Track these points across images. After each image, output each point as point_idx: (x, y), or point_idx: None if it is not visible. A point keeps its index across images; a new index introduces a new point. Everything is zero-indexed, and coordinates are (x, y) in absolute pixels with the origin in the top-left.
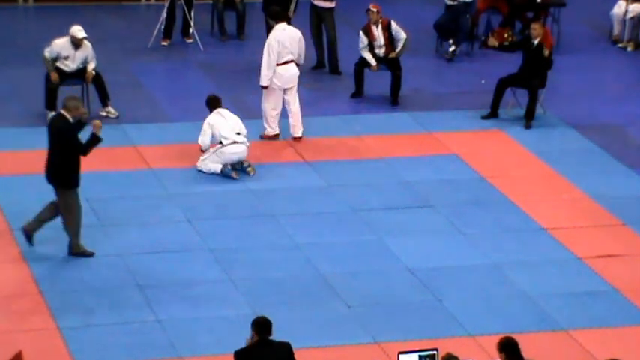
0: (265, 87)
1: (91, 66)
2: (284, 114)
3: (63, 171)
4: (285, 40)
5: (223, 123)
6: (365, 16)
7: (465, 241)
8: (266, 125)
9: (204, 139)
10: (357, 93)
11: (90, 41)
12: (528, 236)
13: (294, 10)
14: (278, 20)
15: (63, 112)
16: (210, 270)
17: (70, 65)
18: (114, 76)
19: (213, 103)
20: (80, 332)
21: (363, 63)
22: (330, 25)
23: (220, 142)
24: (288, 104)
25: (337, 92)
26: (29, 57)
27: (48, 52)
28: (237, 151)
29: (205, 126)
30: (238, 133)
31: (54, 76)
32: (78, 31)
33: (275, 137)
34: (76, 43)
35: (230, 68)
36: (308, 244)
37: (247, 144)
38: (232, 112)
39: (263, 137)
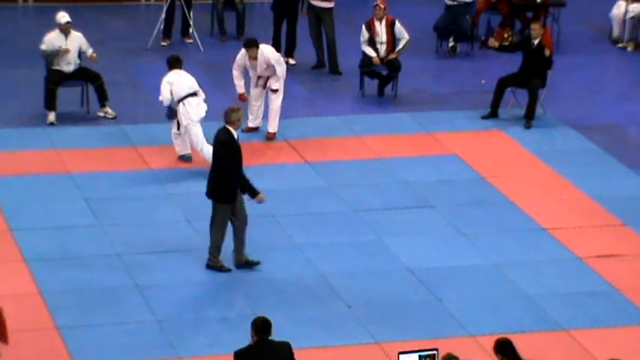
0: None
1: (89, 51)
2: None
3: (222, 185)
4: None
5: (181, 81)
6: (365, 14)
7: (465, 241)
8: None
9: (164, 94)
10: (381, 92)
11: (76, 29)
12: (528, 236)
13: (302, 10)
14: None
15: (228, 126)
16: (210, 270)
17: (66, 57)
18: (113, 76)
19: (174, 64)
20: (79, 332)
21: (366, 63)
22: (329, 25)
23: (179, 102)
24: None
25: (337, 92)
26: (29, 57)
27: (44, 45)
28: (195, 102)
29: (165, 83)
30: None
31: (63, 50)
32: (61, 17)
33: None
34: (64, 30)
35: (230, 68)
36: (308, 244)
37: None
38: None
39: (270, 137)
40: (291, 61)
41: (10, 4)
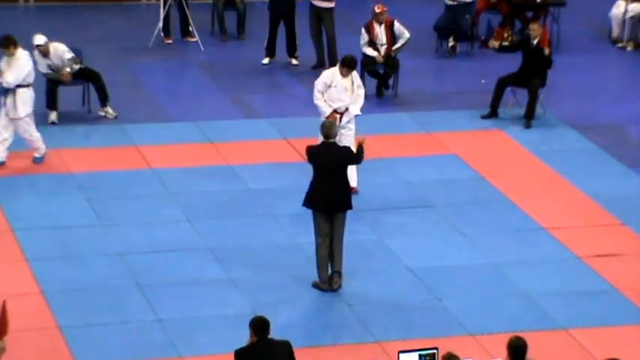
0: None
1: (67, 62)
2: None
3: (349, 193)
4: None
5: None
6: (365, 14)
7: (464, 240)
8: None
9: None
10: (380, 93)
11: (55, 40)
12: (528, 236)
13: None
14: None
15: (333, 139)
16: (210, 269)
17: (57, 72)
18: (114, 76)
19: (16, 43)
20: (80, 331)
21: (368, 62)
22: (330, 25)
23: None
24: None
25: None
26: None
27: (41, 67)
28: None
29: (29, 67)
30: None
31: (66, 77)
32: (35, 40)
33: None
34: (42, 52)
35: (230, 68)
36: (308, 244)
37: None
38: (232, 112)
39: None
40: (294, 62)
41: (11, 3)
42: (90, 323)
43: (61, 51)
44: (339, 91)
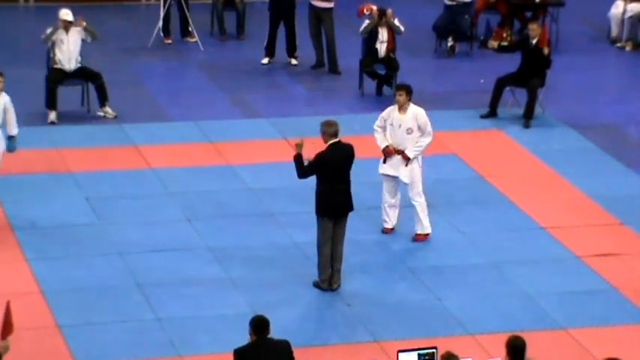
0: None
1: (83, 25)
2: None
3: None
4: None
5: None
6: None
7: (464, 240)
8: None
9: None
10: (379, 92)
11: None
12: (527, 235)
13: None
14: None
15: (338, 139)
16: (210, 269)
17: (64, 50)
18: (114, 76)
19: None
20: (80, 331)
21: (366, 63)
22: (329, 25)
23: None
24: None
25: (336, 92)
26: (29, 57)
27: (44, 35)
28: None
29: None
30: None
31: (80, 21)
32: (65, 14)
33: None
34: (66, 27)
35: (230, 68)
36: (307, 243)
37: None
38: (232, 111)
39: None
40: (293, 62)
41: (11, 3)
42: (89, 322)
43: (81, 32)
44: (394, 129)
